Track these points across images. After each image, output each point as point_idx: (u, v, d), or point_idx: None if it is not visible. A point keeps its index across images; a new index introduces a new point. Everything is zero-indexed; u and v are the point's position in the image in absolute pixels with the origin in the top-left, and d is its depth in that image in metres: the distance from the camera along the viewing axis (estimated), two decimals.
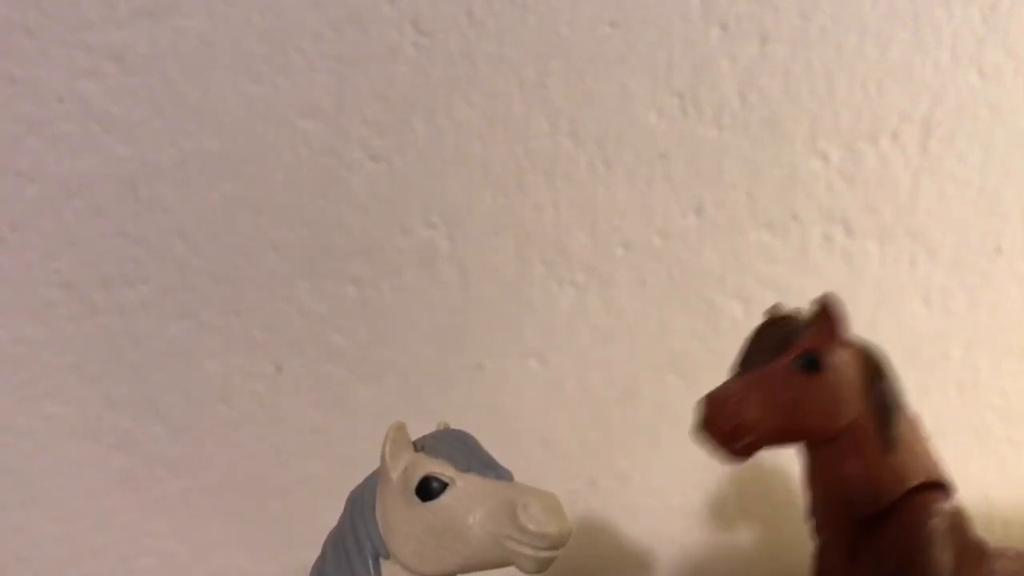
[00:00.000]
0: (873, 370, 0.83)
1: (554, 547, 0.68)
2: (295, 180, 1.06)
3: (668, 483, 1.19)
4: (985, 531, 0.88)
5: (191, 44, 1.01)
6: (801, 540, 1.13)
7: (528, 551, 0.68)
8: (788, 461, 1.17)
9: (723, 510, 1.21)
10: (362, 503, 0.74)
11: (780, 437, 0.81)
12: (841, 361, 0.82)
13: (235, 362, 1.08)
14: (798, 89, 1.13)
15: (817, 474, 0.86)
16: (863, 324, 1.18)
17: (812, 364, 0.80)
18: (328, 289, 1.09)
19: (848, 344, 0.83)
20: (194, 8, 1.01)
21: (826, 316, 0.82)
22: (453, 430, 0.76)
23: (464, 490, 0.70)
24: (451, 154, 1.09)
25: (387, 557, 0.72)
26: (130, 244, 1.04)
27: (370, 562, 0.72)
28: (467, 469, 0.71)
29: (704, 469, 1.18)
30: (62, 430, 1.06)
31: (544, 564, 0.69)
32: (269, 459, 1.11)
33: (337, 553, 0.74)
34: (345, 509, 0.75)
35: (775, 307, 0.88)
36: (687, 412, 1.06)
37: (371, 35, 1.05)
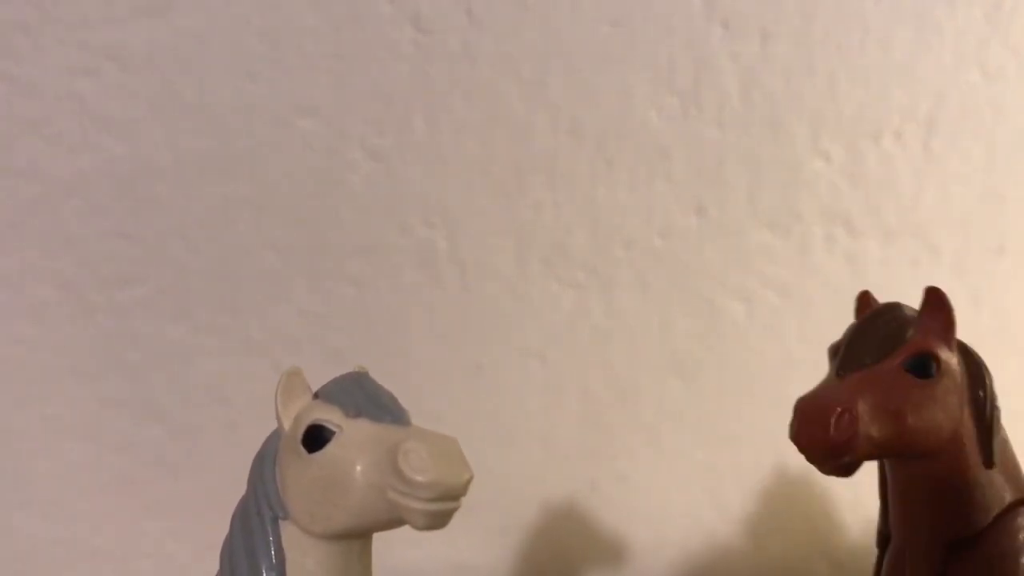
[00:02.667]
0: (975, 376, 0.74)
1: (445, 498, 0.59)
2: (294, 179, 1.06)
3: (668, 484, 1.18)
4: None
5: (189, 43, 1.01)
6: (801, 540, 1.13)
7: (414, 504, 0.59)
8: (790, 460, 1.16)
9: (723, 511, 1.20)
10: (262, 461, 0.68)
11: (887, 450, 0.70)
12: (952, 365, 0.72)
13: (233, 362, 1.07)
14: (800, 88, 1.13)
15: (906, 490, 0.75)
16: None
17: (927, 367, 0.70)
18: (327, 289, 1.08)
19: (955, 346, 0.74)
20: (192, 7, 1.00)
21: (937, 310, 0.72)
22: (352, 372, 0.68)
23: (351, 437, 0.62)
24: (451, 154, 1.08)
25: (285, 517, 0.65)
26: (128, 244, 1.04)
27: (268, 525, 0.65)
28: (357, 414, 0.63)
29: (704, 469, 1.18)
30: (60, 431, 1.05)
31: (436, 519, 0.60)
32: None
33: (242, 520, 0.68)
34: (250, 470, 0.69)
35: (866, 295, 0.78)
36: (687, 412, 1.05)
37: (370, 34, 1.04)
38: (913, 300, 0.78)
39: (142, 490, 1.08)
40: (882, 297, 0.78)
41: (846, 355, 0.73)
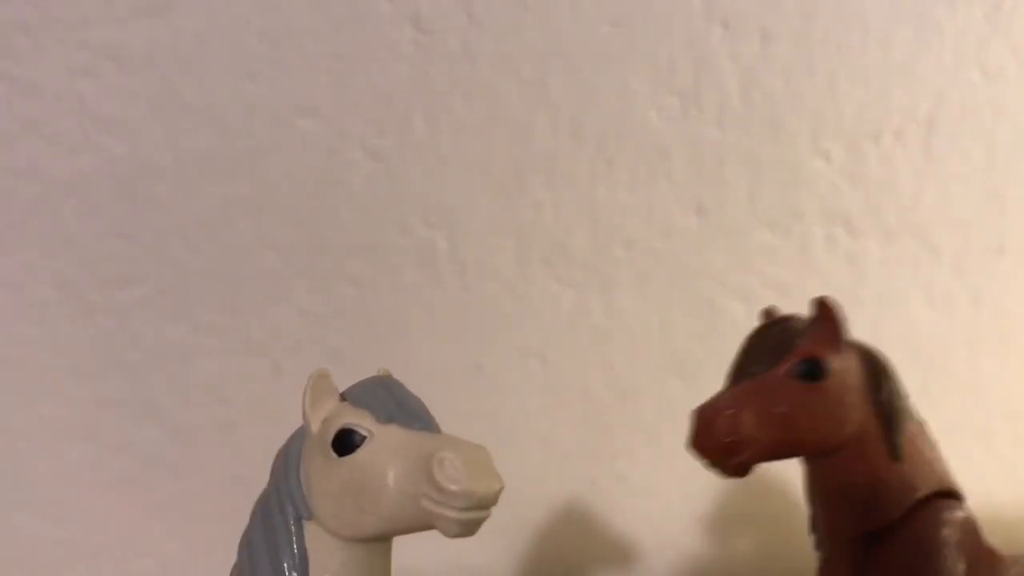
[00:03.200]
0: (876, 375, 0.78)
1: (478, 508, 0.60)
2: (294, 180, 1.06)
3: (668, 484, 1.18)
4: (989, 533, 0.87)
5: (189, 43, 1.01)
6: (801, 541, 1.13)
7: (447, 512, 0.60)
8: (789, 461, 1.16)
9: (723, 511, 1.20)
10: (286, 459, 0.67)
11: (779, 451, 0.75)
12: (843, 367, 0.76)
13: (233, 363, 1.07)
14: (800, 88, 1.13)
15: (821, 487, 0.80)
16: (865, 325, 1.18)
17: (813, 372, 0.75)
18: (327, 289, 1.08)
19: (849, 348, 0.78)
20: (192, 7, 1.00)
21: (825, 318, 0.77)
22: (380, 376, 0.69)
23: (382, 443, 0.62)
24: (451, 154, 1.08)
25: (309, 518, 0.65)
26: (128, 244, 1.04)
27: (291, 524, 0.65)
28: (388, 420, 0.63)
29: (704, 470, 1.18)
30: (59, 431, 1.05)
31: (468, 527, 0.60)
32: (267, 460, 1.10)
33: (263, 515, 0.68)
34: (272, 466, 0.69)
35: (770, 310, 0.83)
36: (687, 412, 1.05)
37: (370, 34, 1.04)
38: (913, 300, 0.78)
39: (142, 490, 1.08)
40: (883, 297, 0.79)
41: (738, 366, 0.78)
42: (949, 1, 1.14)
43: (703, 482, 1.18)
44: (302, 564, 0.65)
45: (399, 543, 0.73)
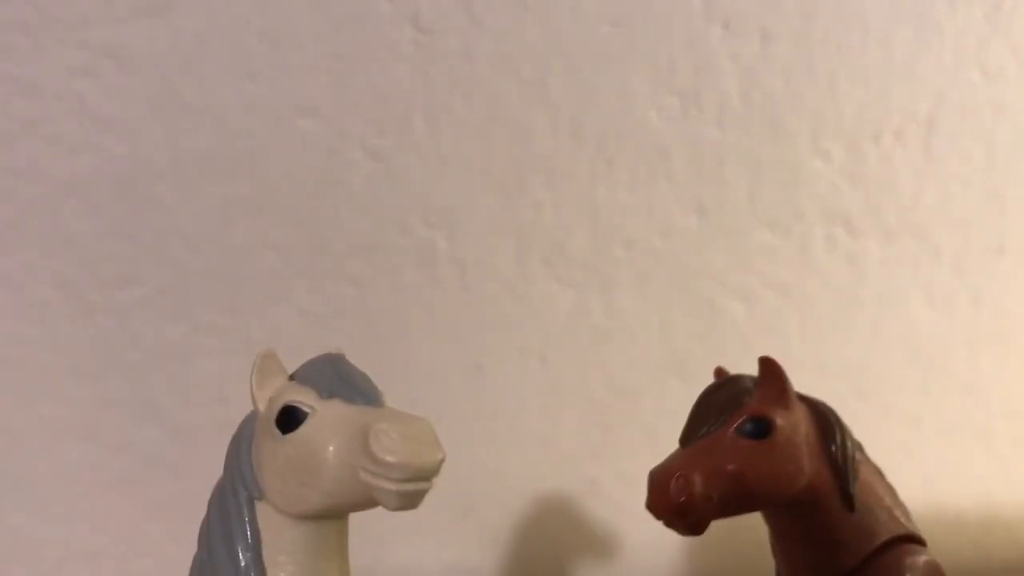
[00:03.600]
0: (825, 428, 0.79)
1: (416, 479, 0.60)
2: (294, 180, 1.06)
3: None
4: (988, 534, 0.87)
5: (189, 42, 1.01)
6: None
7: (385, 484, 0.60)
8: None
9: None
10: (238, 443, 0.68)
11: (732, 508, 0.76)
12: (790, 422, 0.77)
13: (233, 363, 1.07)
14: (800, 88, 1.13)
15: (780, 539, 0.82)
16: (865, 325, 1.18)
17: (760, 429, 0.76)
18: (327, 289, 1.08)
19: (798, 403, 0.80)
20: (192, 6, 1.00)
21: (770, 377, 0.79)
22: (328, 354, 0.69)
23: (323, 418, 0.63)
24: (451, 154, 1.08)
25: (260, 498, 0.66)
26: (128, 244, 1.04)
27: (244, 505, 0.66)
28: (330, 395, 0.64)
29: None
30: (59, 431, 1.05)
31: (407, 499, 0.60)
32: None
33: (219, 501, 0.68)
34: (227, 451, 0.70)
35: (720, 370, 0.85)
36: (687, 412, 1.05)
37: (370, 34, 1.04)
38: (913, 300, 0.78)
39: (142, 490, 1.08)
40: (883, 297, 0.79)
41: (689, 427, 0.80)
42: (949, 1, 1.14)
43: None
44: (255, 544, 0.66)
45: (397, 544, 0.73)
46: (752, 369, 0.81)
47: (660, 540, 1.18)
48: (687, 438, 0.79)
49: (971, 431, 1.23)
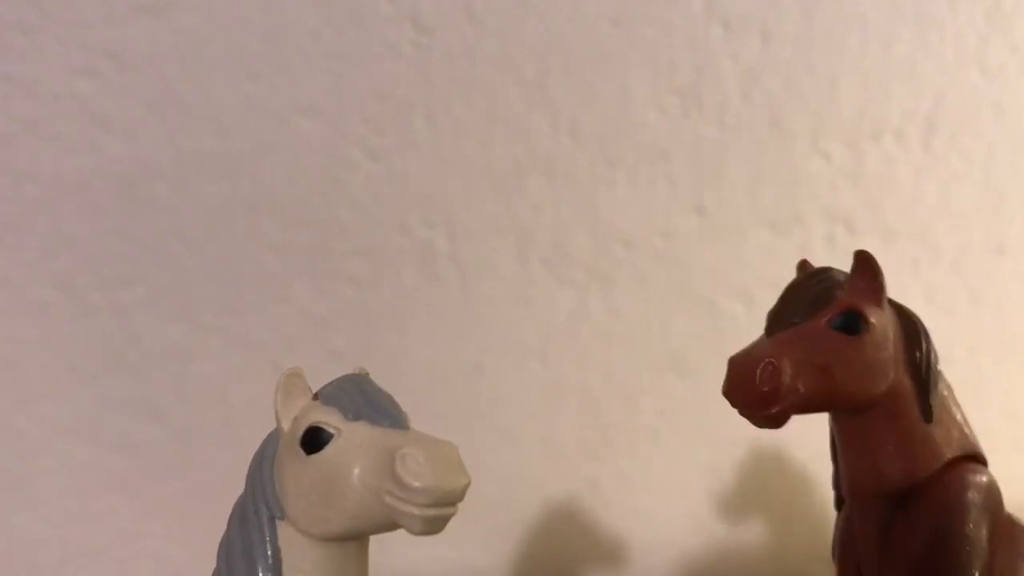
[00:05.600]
0: (912, 335, 0.77)
1: (442, 504, 0.60)
2: (294, 180, 1.06)
3: (669, 484, 1.18)
4: None
5: (189, 42, 1.01)
6: (802, 540, 1.13)
7: (411, 509, 0.59)
8: (791, 461, 1.16)
9: (725, 511, 1.20)
10: (261, 460, 0.68)
11: (814, 404, 0.73)
12: (882, 322, 0.74)
13: (233, 363, 1.07)
14: (800, 88, 1.13)
15: (848, 445, 0.78)
16: None
17: (853, 324, 0.73)
18: (327, 289, 1.08)
19: (887, 305, 0.77)
20: (192, 6, 1.00)
21: (866, 272, 0.75)
22: (352, 374, 0.69)
23: (349, 440, 0.62)
24: (451, 154, 1.08)
25: (282, 518, 0.65)
26: (127, 244, 1.04)
27: (265, 524, 0.66)
28: (356, 417, 0.63)
29: (705, 470, 1.18)
30: (59, 431, 1.05)
31: (432, 524, 0.60)
32: None
33: (240, 518, 0.68)
34: (249, 468, 0.69)
35: (806, 262, 0.81)
36: (688, 412, 1.05)
37: (370, 33, 1.04)
38: (914, 300, 0.78)
39: (142, 490, 1.08)
40: None
41: (777, 315, 0.76)
42: (949, 1, 1.13)
43: (703, 482, 1.19)
44: (275, 564, 0.65)
45: (397, 544, 0.73)
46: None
47: (660, 540, 1.19)
48: (774, 326, 0.75)
49: None
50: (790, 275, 1.17)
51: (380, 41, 1.04)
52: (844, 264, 0.83)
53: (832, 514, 0.85)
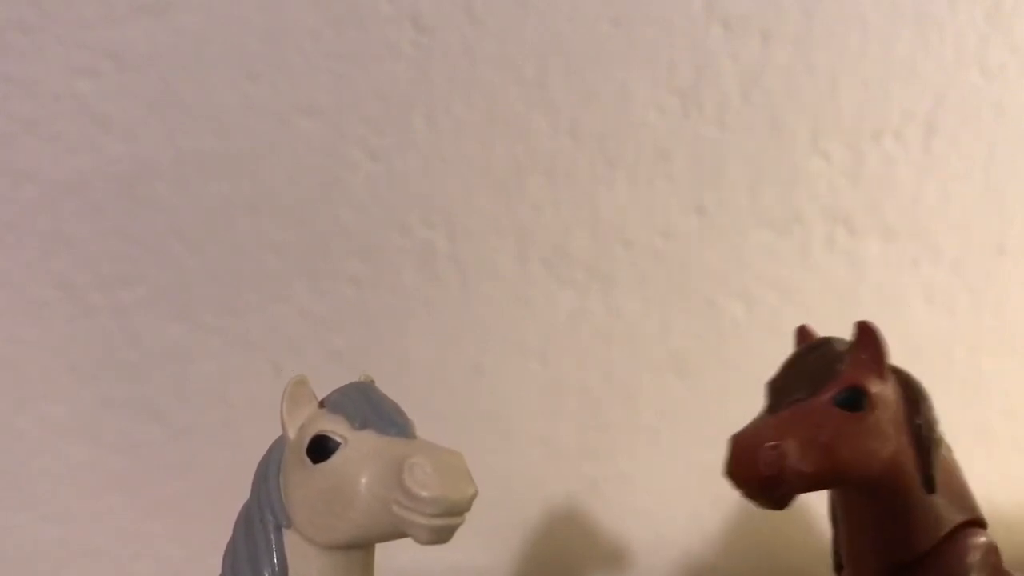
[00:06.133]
0: (912, 401, 0.75)
1: (449, 514, 0.60)
2: (294, 180, 1.06)
3: (669, 484, 1.18)
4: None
5: (189, 42, 1.01)
6: (802, 540, 1.13)
7: (418, 519, 0.59)
8: None
9: (725, 511, 1.20)
10: (266, 468, 0.68)
11: (818, 484, 0.72)
12: (884, 394, 0.73)
13: (233, 363, 1.07)
14: (800, 88, 1.13)
15: (850, 516, 0.77)
16: None
17: (857, 401, 0.71)
18: (327, 289, 1.08)
19: (888, 373, 0.75)
20: (192, 6, 1.00)
21: (868, 344, 0.74)
22: (358, 382, 0.68)
23: (356, 449, 0.62)
24: (451, 154, 1.08)
25: (288, 526, 0.65)
26: (127, 244, 1.04)
27: (271, 532, 0.65)
28: (363, 426, 0.63)
29: (705, 470, 1.17)
30: (59, 431, 1.05)
31: (439, 534, 0.60)
32: None
33: (245, 525, 0.68)
34: (254, 475, 0.69)
35: (805, 329, 0.79)
36: (688, 412, 1.05)
37: (370, 33, 1.04)
38: (913, 300, 0.78)
39: (142, 490, 1.08)
40: (883, 297, 0.78)
41: (779, 390, 0.74)
42: (949, 1, 1.13)
43: (703, 482, 1.18)
44: (281, 572, 0.65)
45: (397, 545, 0.73)
46: (752, 367, 0.81)
47: (660, 540, 1.19)
48: (776, 400, 0.74)
49: (971, 431, 1.23)
50: (790, 275, 1.17)
51: (380, 41, 1.04)
52: (844, 263, 0.84)
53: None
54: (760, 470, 0.69)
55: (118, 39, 0.99)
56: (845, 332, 0.82)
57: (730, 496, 1.20)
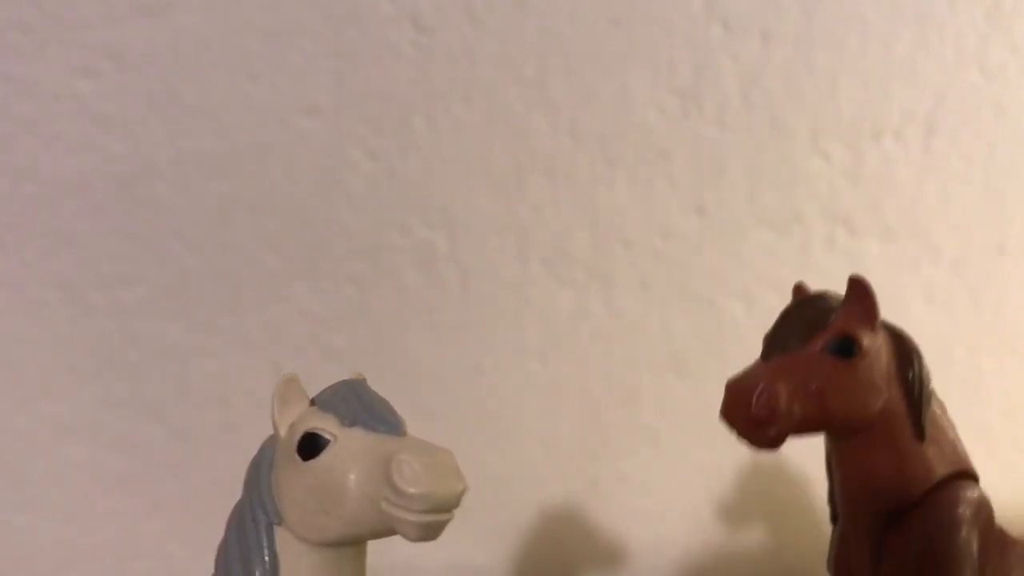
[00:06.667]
0: (905, 355, 0.79)
1: (437, 511, 0.60)
2: (294, 180, 1.06)
3: (669, 484, 1.18)
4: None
5: (189, 42, 1.01)
6: (803, 540, 1.13)
7: (406, 515, 0.60)
8: (790, 460, 1.16)
9: (725, 511, 1.20)
10: (258, 466, 0.68)
11: (809, 426, 0.76)
12: (875, 345, 0.77)
13: (233, 363, 1.07)
14: (800, 88, 1.13)
15: (843, 464, 0.81)
16: None
17: (847, 349, 0.75)
18: (327, 289, 1.08)
19: (880, 328, 0.79)
20: (192, 6, 1.00)
21: (859, 297, 0.78)
22: (349, 380, 0.69)
23: (345, 447, 0.63)
24: (451, 154, 1.08)
25: (279, 523, 0.65)
26: (127, 244, 1.04)
27: (262, 530, 0.66)
28: (353, 423, 0.64)
29: (705, 470, 1.18)
30: (59, 431, 1.05)
31: (428, 531, 0.61)
32: None
33: (237, 524, 0.68)
34: (246, 474, 0.70)
35: (801, 286, 0.83)
36: (688, 412, 1.05)
37: (370, 33, 1.04)
38: (913, 300, 0.79)
39: (142, 490, 1.08)
40: (883, 297, 0.78)
41: (772, 340, 0.78)
42: (949, 1, 1.13)
43: (703, 482, 1.19)
44: (272, 569, 0.66)
45: (397, 544, 0.73)
46: None
47: (660, 540, 1.19)
48: (769, 351, 0.78)
49: (971, 431, 1.22)
50: (790, 275, 1.16)
51: (380, 41, 1.04)
52: (844, 263, 0.84)
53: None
54: (753, 412, 0.73)
55: (118, 39, 0.99)
56: None
57: (730, 496, 1.20)
